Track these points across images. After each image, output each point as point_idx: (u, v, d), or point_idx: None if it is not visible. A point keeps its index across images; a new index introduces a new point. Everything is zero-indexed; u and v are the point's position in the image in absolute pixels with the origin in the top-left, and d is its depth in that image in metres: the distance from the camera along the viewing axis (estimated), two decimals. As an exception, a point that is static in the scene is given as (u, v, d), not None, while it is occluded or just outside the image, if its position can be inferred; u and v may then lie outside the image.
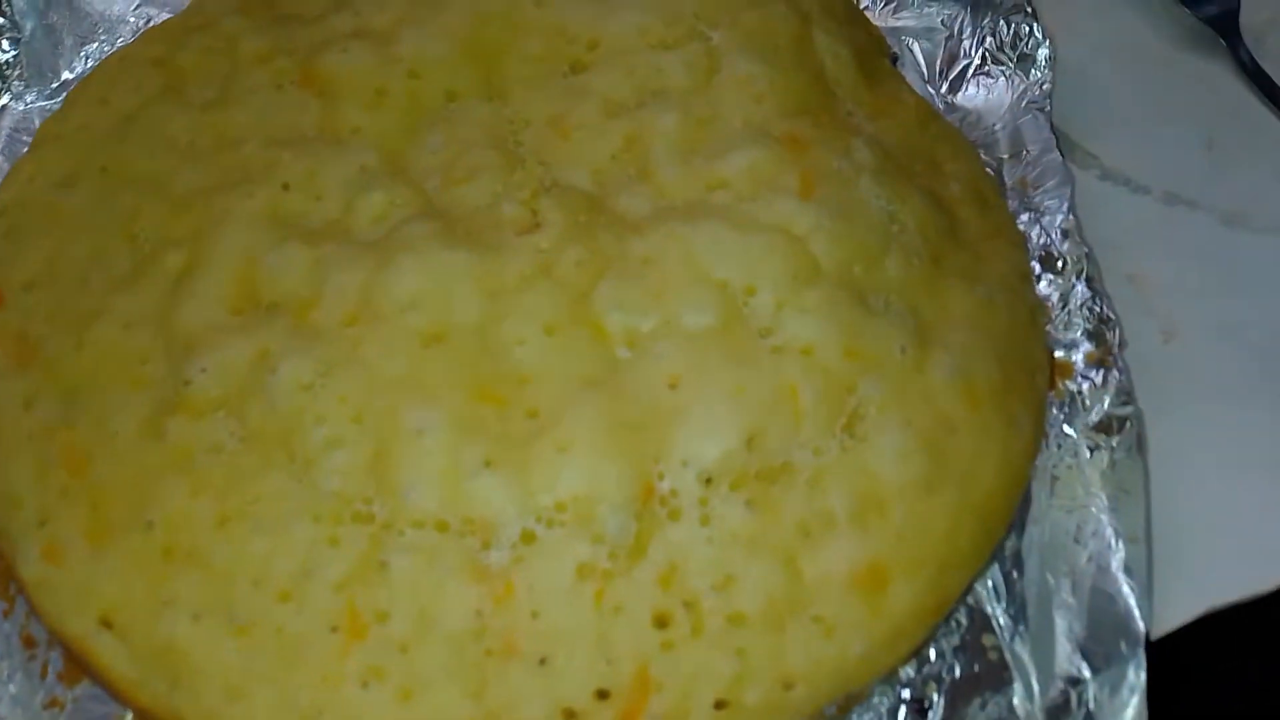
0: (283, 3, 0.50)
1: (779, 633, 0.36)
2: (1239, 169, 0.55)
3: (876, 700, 0.39)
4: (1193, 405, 0.47)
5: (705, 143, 0.43)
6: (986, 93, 0.55)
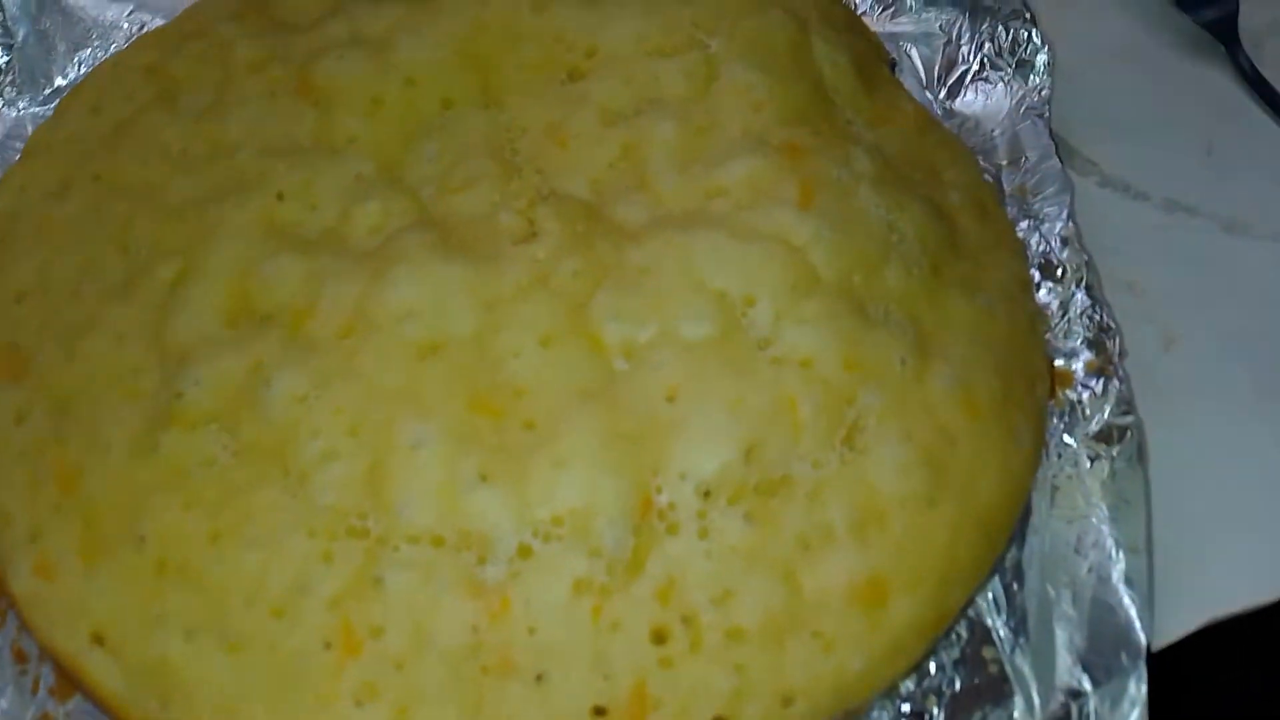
0: (278, 9, 0.50)
1: (778, 648, 0.36)
2: (1239, 175, 0.54)
3: (876, 715, 0.38)
4: (1193, 413, 0.47)
5: (703, 151, 0.43)
6: (985, 99, 0.54)
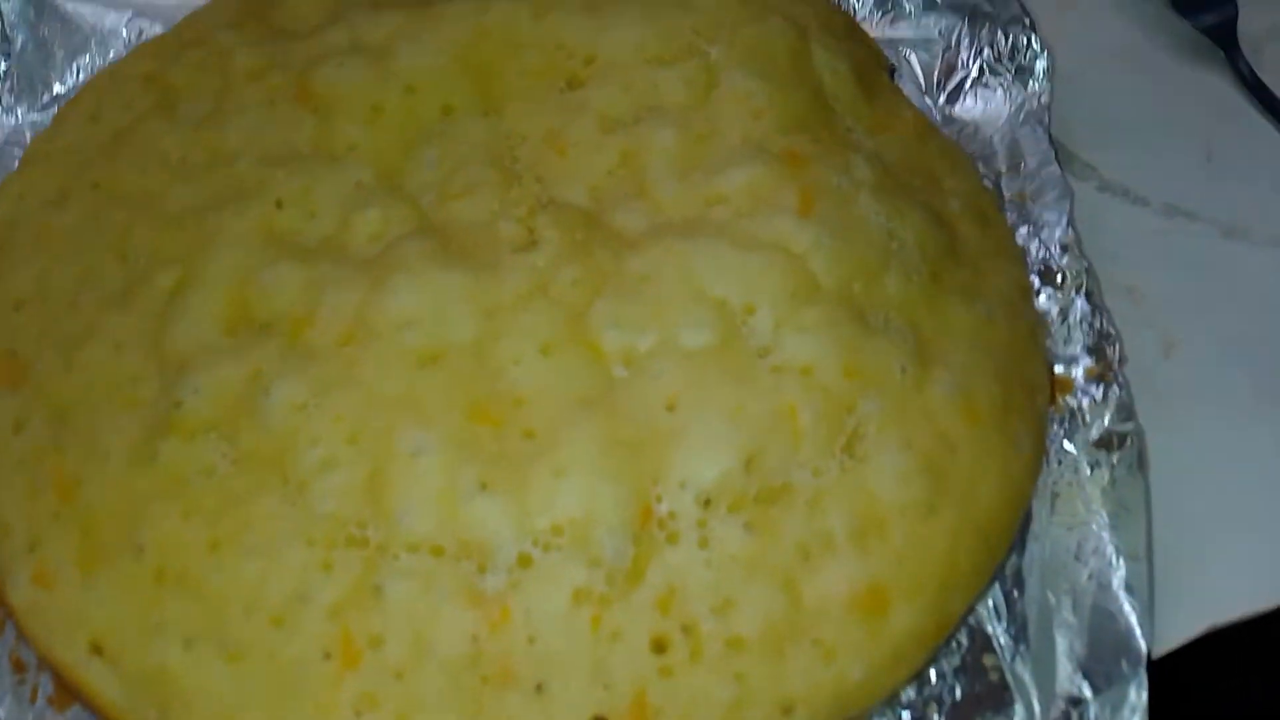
0: (277, 17, 0.49)
1: (778, 657, 0.36)
2: (1238, 180, 0.54)
3: (877, 723, 0.39)
4: (1193, 419, 0.47)
5: (703, 159, 0.43)
6: (984, 104, 0.54)
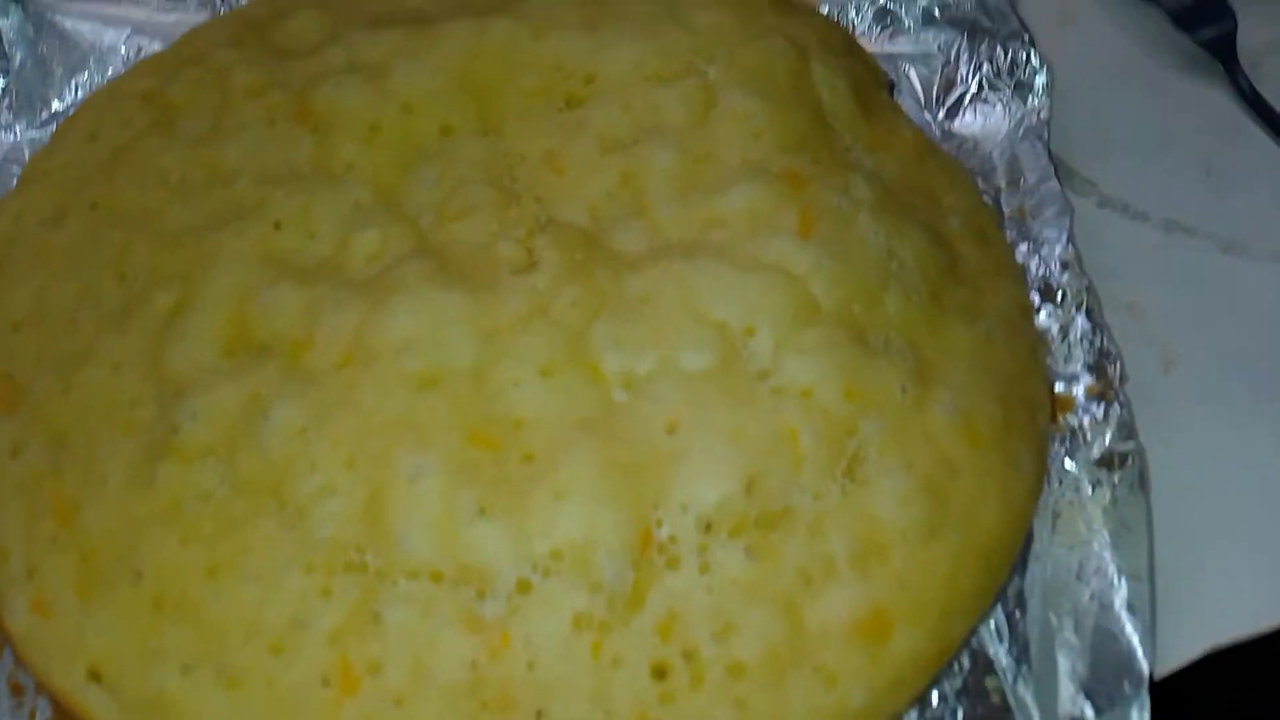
0: (275, 35, 0.49)
1: (779, 683, 0.36)
2: (1238, 195, 0.54)
3: (879, 746, 0.38)
4: (1194, 435, 0.46)
5: (702, 179, 0.43)
6: (984, 119, 0.54)
